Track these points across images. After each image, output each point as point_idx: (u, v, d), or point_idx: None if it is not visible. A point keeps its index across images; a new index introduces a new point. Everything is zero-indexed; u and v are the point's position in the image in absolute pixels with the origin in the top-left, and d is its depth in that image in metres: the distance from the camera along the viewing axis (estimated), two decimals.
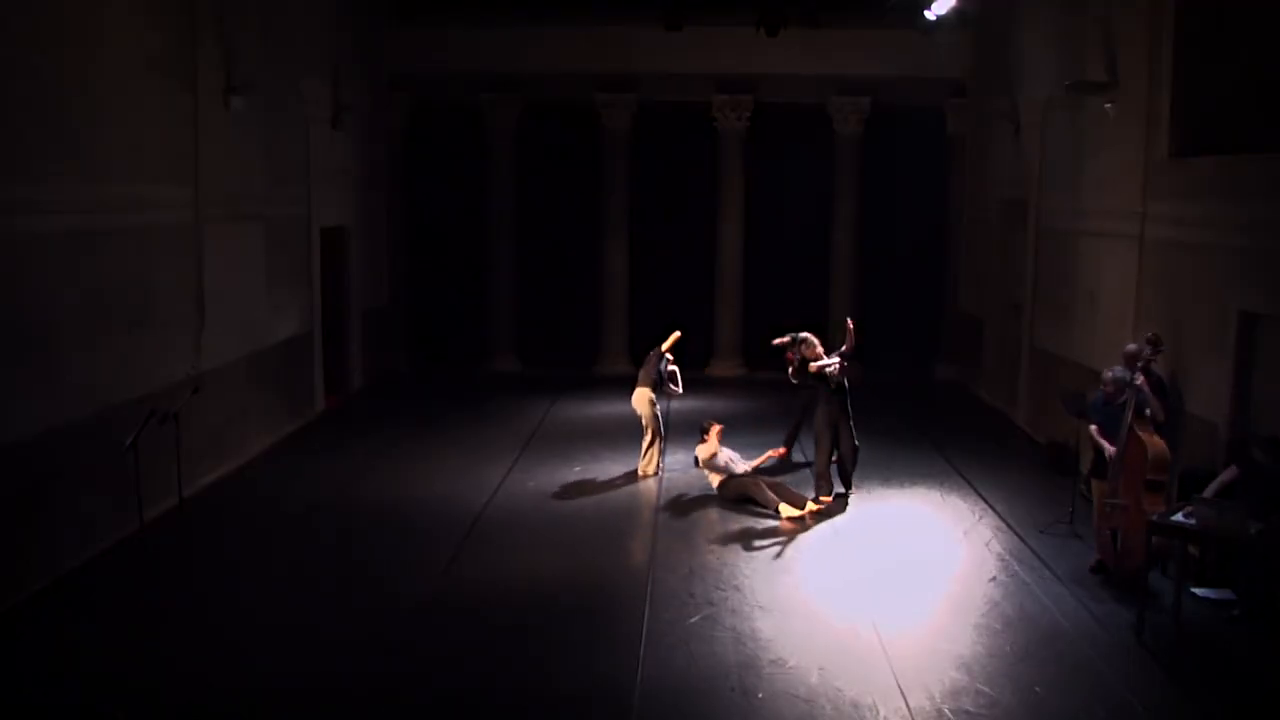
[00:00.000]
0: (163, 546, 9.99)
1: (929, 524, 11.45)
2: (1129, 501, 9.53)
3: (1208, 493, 9.09)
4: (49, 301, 9.60)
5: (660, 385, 13.24)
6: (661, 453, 13.37)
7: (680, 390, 13.40)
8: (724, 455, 12.32)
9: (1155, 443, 9.47)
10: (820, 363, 11.91)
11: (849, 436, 12.04)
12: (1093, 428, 10.27)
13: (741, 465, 12.37)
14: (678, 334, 13.48)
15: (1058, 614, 9.01)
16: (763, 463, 12.65)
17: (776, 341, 12.68)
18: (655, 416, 13.16)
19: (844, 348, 12.06)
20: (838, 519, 11.49)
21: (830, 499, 11.85)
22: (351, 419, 16.00)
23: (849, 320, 12.31)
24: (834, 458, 11.97)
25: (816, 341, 12.22)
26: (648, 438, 13.15)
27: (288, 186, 14.91)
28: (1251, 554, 8.63)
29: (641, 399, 13.15)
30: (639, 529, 11.18)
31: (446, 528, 11.07)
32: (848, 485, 12.07)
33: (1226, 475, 9.28)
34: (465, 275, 19.84)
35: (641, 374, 13.29)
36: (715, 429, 12.36)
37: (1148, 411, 9.69)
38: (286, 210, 14.90)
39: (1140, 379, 9.73)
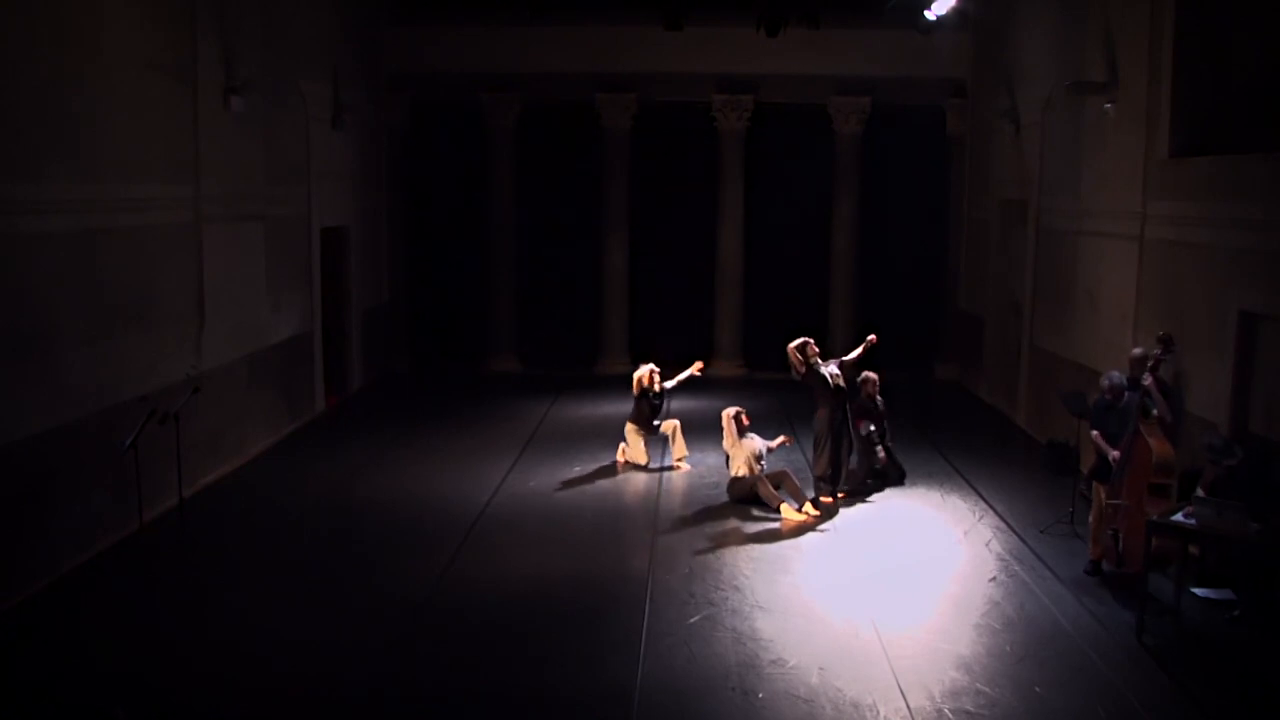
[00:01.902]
0: (163, 546, 9.99)
1: (929, 524, 11.45)
2: (1131, 503, 9.53)
3: (1199, 491, 9.09)
4: (49, 301, 9.60)
5: (648, 422, 13.36)
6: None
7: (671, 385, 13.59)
8: (755, 444, 12.22)
9: (1160, 446, 9.44)
10: (828, 370, 11.93)
11: (849, 442, 12.05)
12: (1094, 434, 10.20)
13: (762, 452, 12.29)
14: (653, 369, 13.49)
15: (1058, 614, 9.01)
16: (779, 445, 12.61)
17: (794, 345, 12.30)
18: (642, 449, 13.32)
19: (850, 356, 12.37)
20: (837, 519, 11.48)
21: (831, 501, 11.85)
22: (351, 419, 16.00)
23: (872, 336, 12.59)
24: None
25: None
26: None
27: (288, 186, 14.91)
28: (1251, 554, 8.63)
29: (629, 431, 13.41)
30: (639, 529, 11.18)
31: (447, 528, 11.07)
32: (836, 486, 12.08)
33: (1209, 472, 9.29)
34: (465, 275, 19.86)
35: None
36: (728, 416, 12.33)
37: (1155, 413, 9.67)
38: (287, 210, 14.91)
39: (1149, 379, 9.71)
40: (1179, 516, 8.81)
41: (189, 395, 10.35)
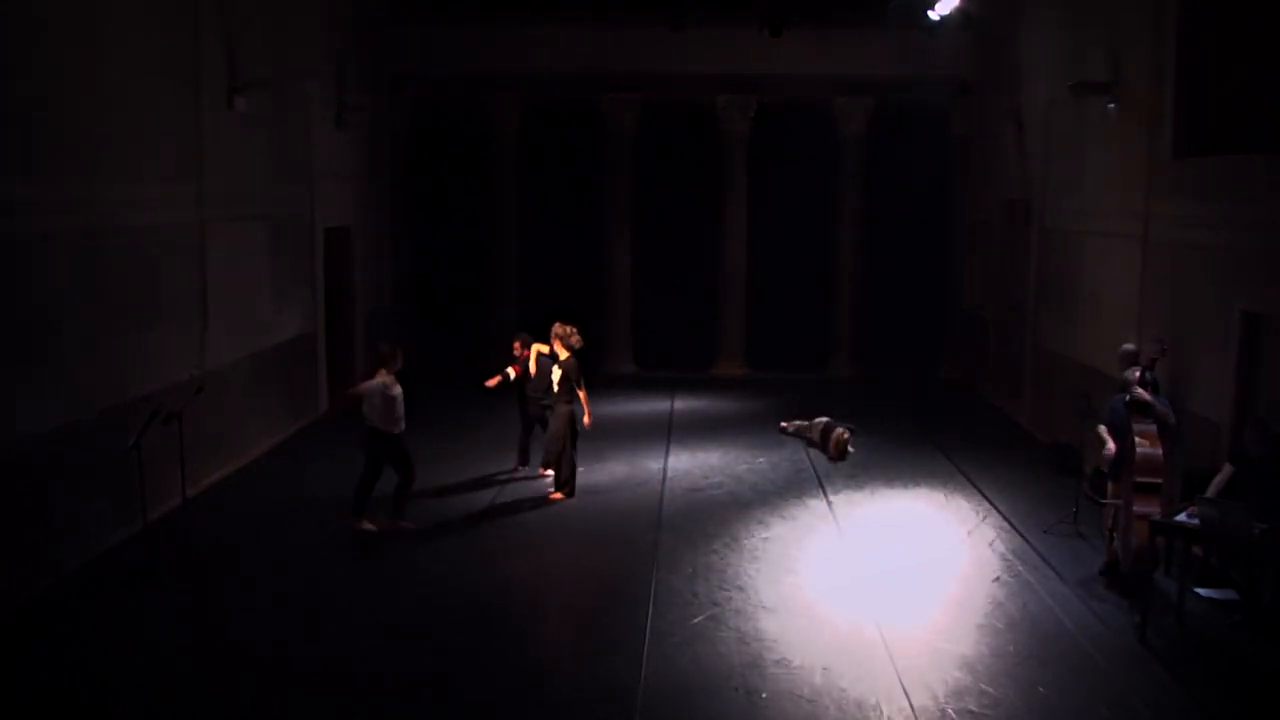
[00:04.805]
0: (166, 546, 9.99)
1: (933, 524, 11.45)
2: (1125, 501, 9.59)
3: (1209, 493, 9.08)
4: (53, 301, 9.60)
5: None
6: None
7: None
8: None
9: (1147, 446, 9.47)
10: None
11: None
12: (1102, 427, 10.23)
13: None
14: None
15: (1061, 614, 9.01)
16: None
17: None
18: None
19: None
20: (842, 519, 11.48)
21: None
22: (355, 419, 15.94)
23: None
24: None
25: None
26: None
27: (291, 186, 14.93)
28: (1255, 554, 8.62)
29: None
30: (642, 529, 11.18)
31: (449, 528, 11.08)
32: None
33: (1224, 474, 9.28)
34: (468, 275, 19.86)
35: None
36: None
37: (1160, 416, 9.68)
38: (290, 210, 14.92)
39: (1136, 377, 9.76)
40: (1183, 517, 8.81)
41: (192, 395, 10.35)
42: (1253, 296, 9.94)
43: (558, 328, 12.12)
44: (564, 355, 12.02)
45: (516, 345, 12.70)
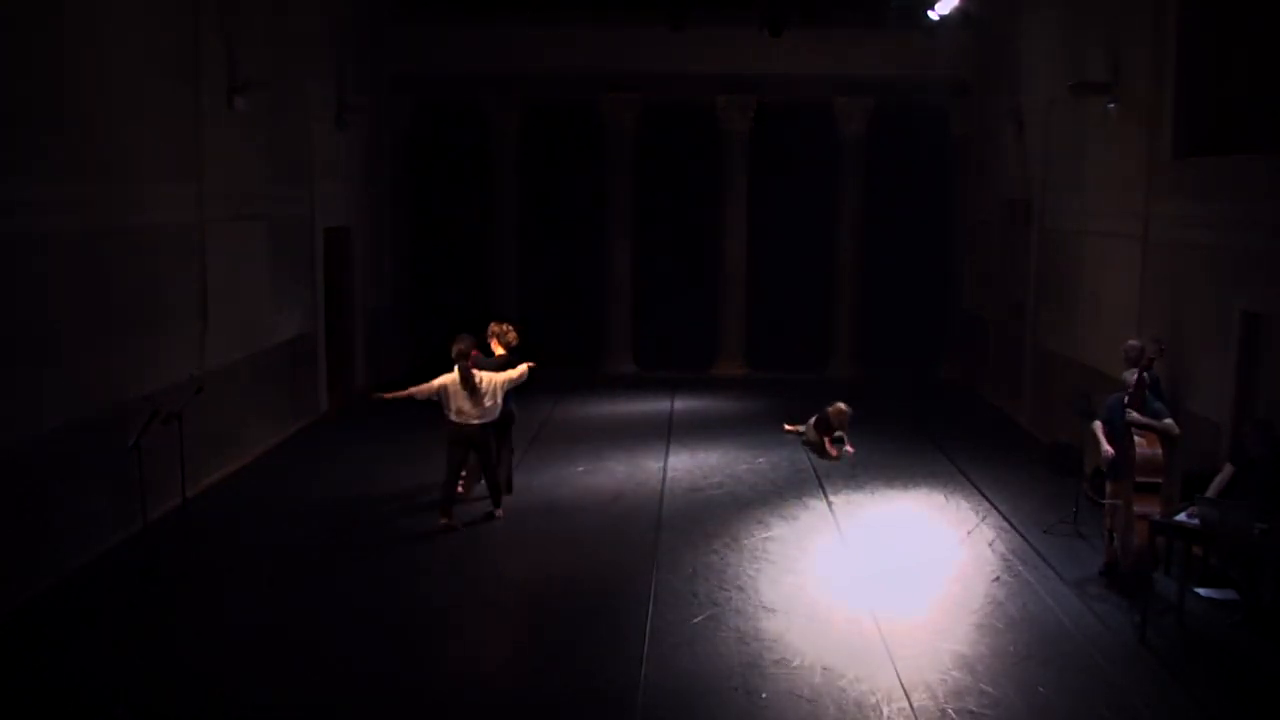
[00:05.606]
0: (166, 546, 9.99)
1: (932, 524, 11.45)
2: (1125, 501, 9.59)
3: (1209, 493, 9.09)
4: (52, 301, 9.60)
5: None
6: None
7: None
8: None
9: (1146, 446, 9.48)
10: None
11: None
12: (1097, 424, 10.24)
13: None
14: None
15: (1061, 614, 9.01)
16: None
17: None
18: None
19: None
20: (841, 519, 11.48)
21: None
22: (354, 419, 16.00)
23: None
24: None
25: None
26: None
27: (291, 186, 14.92)
28: (1255, 554, 8.62)
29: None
30: (642, 529, 11.18)
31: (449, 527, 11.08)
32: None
33: (1224, 474, 9.29)
34: (468, 275, 19.86)
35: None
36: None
37: (1167, 421, 9.70)
38: (290, 210, 14.91)
39: (1133, 377, 9.78)
40: (1182, 516, 8.81)
41: (192, 395, 10.35)
42: (1253, 296, 9.94)
43: (494, 326, 12.08)
44: (500, 353, 11.93)
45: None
